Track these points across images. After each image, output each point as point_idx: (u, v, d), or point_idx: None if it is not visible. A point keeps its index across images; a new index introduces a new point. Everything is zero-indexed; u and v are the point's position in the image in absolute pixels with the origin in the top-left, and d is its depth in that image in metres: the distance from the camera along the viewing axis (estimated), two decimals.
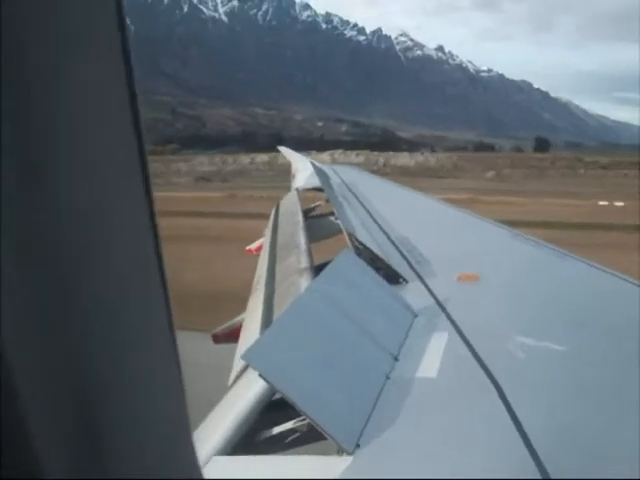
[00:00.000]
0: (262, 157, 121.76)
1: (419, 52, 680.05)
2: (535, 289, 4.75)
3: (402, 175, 76.42)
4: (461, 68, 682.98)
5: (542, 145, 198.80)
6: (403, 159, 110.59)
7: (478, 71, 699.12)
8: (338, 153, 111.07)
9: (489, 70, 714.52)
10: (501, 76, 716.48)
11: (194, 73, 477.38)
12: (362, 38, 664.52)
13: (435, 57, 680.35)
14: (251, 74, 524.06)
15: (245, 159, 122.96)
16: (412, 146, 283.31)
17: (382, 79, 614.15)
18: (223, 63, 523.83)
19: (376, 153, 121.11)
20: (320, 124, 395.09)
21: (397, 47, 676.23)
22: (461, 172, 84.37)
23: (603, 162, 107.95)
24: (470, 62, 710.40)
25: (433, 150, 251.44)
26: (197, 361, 6.55)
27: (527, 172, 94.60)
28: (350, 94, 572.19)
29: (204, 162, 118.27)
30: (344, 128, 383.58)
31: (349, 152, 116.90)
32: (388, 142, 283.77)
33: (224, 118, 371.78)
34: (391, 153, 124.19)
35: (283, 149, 25.48)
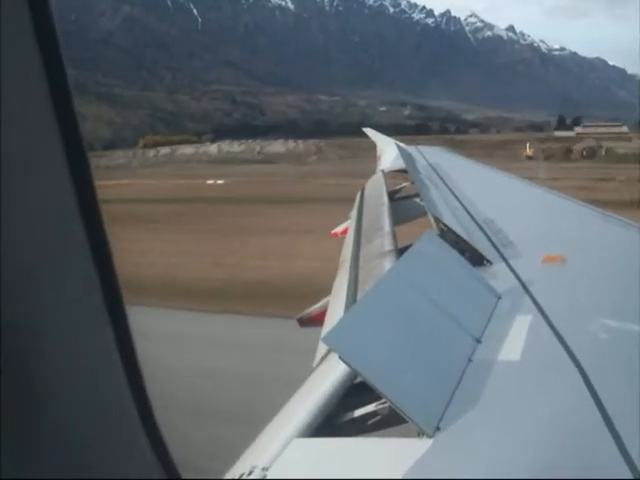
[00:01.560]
0: (165, 150, 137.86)
1: (489, 33, 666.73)
2: (622, 271, 4.54)
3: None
4: (532, 48, 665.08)
5: (565, 124, 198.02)
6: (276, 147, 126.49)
7: (550, 50, 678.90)
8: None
9: (562, 49, 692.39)
10: (574, 54, 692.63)
11: (260, 61, 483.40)
12: (430, 21, 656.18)
13: (505, 37, 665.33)
14: (318, 61, 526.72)
15: (151, 152, 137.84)
16: (471, 127, 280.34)
17: (451, 61, 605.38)
18: (290, 50, 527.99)
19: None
20: (383, 109, 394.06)
21: (467, 28, 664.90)
22: (300, 157, 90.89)
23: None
24: (542, 41, 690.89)
25: (496, 131, 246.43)
26: None
27: (352, 153, 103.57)
28: (419, 78, 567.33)
29: (120, 156, 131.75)
30: (406, 112, 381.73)
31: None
32: (451, 124, 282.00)
33: (285, 106, 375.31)
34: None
35: (369, 131, 24.83)
